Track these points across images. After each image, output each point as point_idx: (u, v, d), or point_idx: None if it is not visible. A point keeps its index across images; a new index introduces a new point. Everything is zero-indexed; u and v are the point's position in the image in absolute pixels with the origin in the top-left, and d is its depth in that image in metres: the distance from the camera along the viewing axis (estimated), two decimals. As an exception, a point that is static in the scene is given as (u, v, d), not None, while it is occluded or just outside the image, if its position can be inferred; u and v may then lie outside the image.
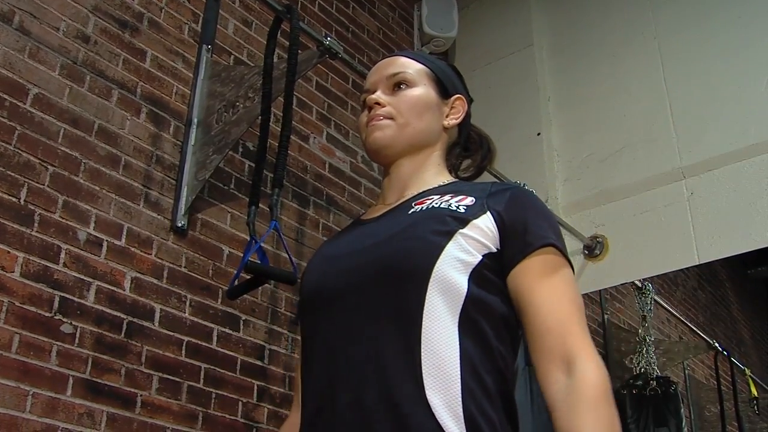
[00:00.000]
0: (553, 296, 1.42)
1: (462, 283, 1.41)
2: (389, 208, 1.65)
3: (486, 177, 1.91)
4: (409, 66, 1.76)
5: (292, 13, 2.52)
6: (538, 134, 4.26)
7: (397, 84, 1.73)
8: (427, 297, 1.38)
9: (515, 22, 4.70)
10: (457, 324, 1.38)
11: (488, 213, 1.49)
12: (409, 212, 1.55)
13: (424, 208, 1.54)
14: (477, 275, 1.43)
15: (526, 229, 1.48)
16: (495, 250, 1.46)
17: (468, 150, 1.84)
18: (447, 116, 1.76)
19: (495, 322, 1.43)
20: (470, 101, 1.84)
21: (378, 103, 1.70)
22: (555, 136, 4.31)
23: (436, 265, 1.40)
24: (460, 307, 1.40)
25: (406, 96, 1.71)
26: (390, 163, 1.71)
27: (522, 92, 4.45)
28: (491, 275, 1.45)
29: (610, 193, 3.98)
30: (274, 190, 2.33)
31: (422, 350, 1.35)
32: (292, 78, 2.44)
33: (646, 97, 4.05)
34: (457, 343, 1.37)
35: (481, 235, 1.45)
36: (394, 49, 4.50)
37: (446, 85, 1.78)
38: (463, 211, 1.49)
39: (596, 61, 4.34)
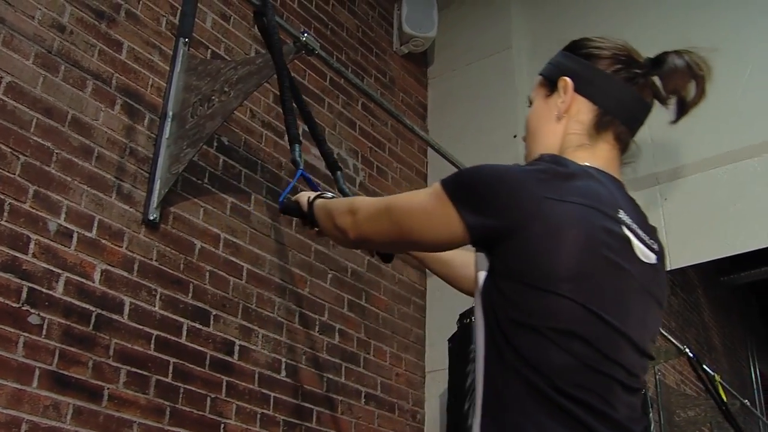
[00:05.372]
0: None
1: None
2: None
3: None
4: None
5: (267, 8, 2.51)
6: (515, 136, 4.26)
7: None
8: None
9: (495, 24, 4.71)
10: None
11: None
12: None
13: None
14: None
15: None
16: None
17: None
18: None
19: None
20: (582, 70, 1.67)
21: None
22: (531, 138, 4.31)
23: None
24: None
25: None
26: None
27: (499, 94, 4.46)
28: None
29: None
30: (294, 145, 2.38)
31: None
32: (282, 63, 2.47)
33: (623, 102, 4.06)
34: None
35: None
36: (373, 48, 4.50)
37: (550, 76, 1.72)
38: None
39: (574, 65, 4.34)
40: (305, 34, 2.74)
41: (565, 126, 1.63)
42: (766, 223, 3.47)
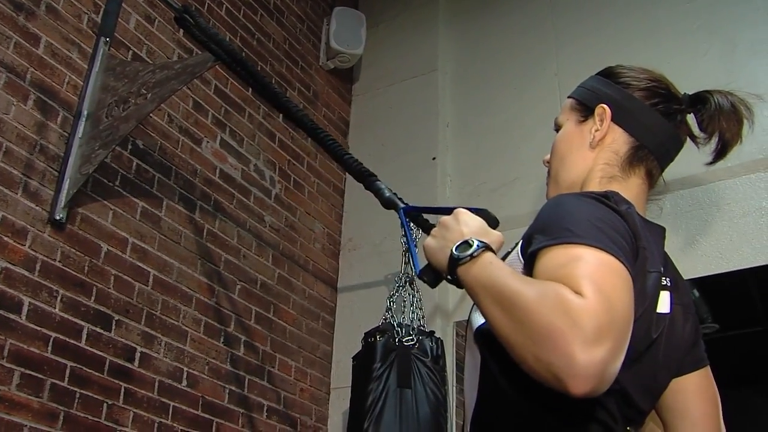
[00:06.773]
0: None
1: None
2: None
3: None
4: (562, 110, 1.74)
5: (190, 12, 2.49)
6: (434, 159, 4.29)
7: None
8: None
9: (422, 46, 4.74)
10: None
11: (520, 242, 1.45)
12: None
13: None
14: None
15: (528, 239, 1.37)
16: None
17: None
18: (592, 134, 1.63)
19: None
20: (622, 99, 1.63)
21: None
22: (450, 162, 4.34)
23: None
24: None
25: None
26: None
27: (422, 116, 4.48)
28: None
29: (499, 222, 4.00)
30: (370, 180, 2.19)
31: None
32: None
33: (542, 131, 4.07)
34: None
35: None
36: (299, 61, 4.48)
37: (586, 101, 1.68)
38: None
39: (497, 92, 4.39)
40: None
41: (597, 154, 1.60)
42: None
